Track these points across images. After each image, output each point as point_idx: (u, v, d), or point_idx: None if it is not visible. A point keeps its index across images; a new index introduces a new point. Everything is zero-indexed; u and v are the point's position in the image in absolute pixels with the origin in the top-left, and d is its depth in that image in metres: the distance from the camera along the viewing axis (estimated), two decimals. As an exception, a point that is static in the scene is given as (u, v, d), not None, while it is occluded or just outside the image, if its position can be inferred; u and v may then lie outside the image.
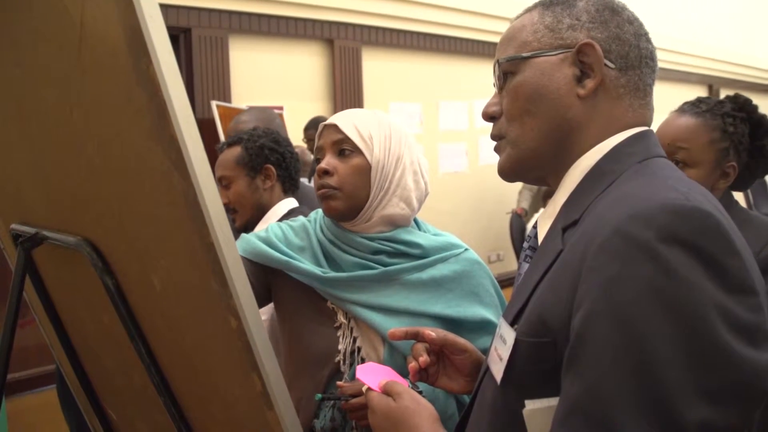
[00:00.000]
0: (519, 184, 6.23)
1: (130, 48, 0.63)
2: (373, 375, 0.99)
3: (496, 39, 5.44)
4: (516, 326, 0.78)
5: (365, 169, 1.26)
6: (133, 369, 1.02)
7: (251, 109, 2.48)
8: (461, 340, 1.05)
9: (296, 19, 4.80)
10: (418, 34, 5.69)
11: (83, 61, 0.72)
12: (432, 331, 1.03)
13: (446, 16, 5.73)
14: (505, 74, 0.88)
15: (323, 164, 1.27)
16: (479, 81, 6.40)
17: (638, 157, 0.80)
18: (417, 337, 1.05)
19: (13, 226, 1.13)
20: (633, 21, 0.86)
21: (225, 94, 4.34)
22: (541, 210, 5.40)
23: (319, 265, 1.30)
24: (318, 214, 1.40)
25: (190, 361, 0.89)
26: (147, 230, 0.80)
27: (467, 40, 6.12)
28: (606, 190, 0.77)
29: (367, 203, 1.27)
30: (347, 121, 1.29)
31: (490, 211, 6.34)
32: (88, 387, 1.31)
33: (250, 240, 1.34)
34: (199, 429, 0.98)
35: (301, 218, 1.42)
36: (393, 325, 1.24)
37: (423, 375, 1.05)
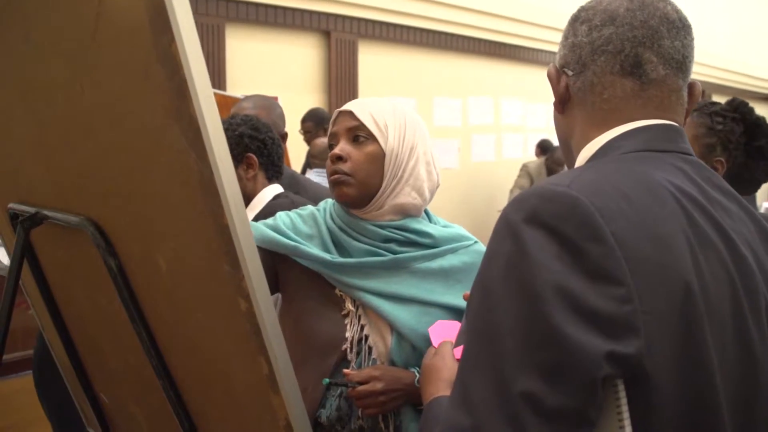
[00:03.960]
0: (510, 183, 6.26)
1: (152, 24, 0.62)
2: (444, 333, 1.07)
3: (493, 37, 5.47)
4: None
5: (379, 157, 1.26)
6: (130, 351, 1.02)
7: (252, 96, 2.44)
8: None
9: (294, 10, 4.78)
10: (416, 29, 5.69)
11: (99, 37, 0.72)
12: None
13: (443, 12, 5.73)
14: None
15: (337, 150, 1.27)
16: (474, 79, 6.41)
17: (622, 150, 0.81)
18: None
19: (11, 205, 1.12)
20: (592, 18, 0.86)
21: (220, 82, 4.32)
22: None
23: (327, 252, 1.30)
24: (327, 203, 1.39)
25: (192, 343, 0.89)
26: (156, 210, 0.79)
27: (464, 37, 6.12)
28: None
29: (379, 191, 1.27)
30: (363, 108, 1.28)
31: (480, 209, 6.36)
32: (81, 369, 1.30)
33: (258, 226, 1.33)
34: (197, 412, 0.97)
35: (309, 207, 1.41)
36: (401, 313, 1.24)
37: None
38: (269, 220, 1.36)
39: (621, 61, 0.84)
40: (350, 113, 1.28)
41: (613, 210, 0.68)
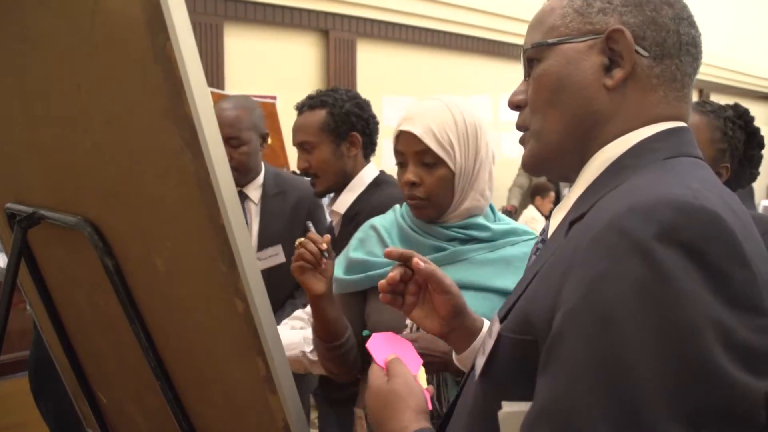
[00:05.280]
0: (509, 182, 6.25)
1: (148, 24, 0.62)
2: (385, 347, 0.95)
3: (492, 36, 5.47)
4: (504, 322, 0.74)
5: (450, 179, 1.32)
6: (128, 351, 1.01)
7: (232, 97, 2.40)
8: (448, 280, 1.01)
9: (292, 9, 4.77)
10: (414, 28, 5.69)
11: (95, 37, 0.71)
12: (422, 261, 1.01)
13: (442, 11, 5.73)
14: (531, 61, 0.82)
15: (411, 176, 1.32)
16: (473, 77, 6.40)
17: (664, 153, 0.73)
18: (409, 261, 1.01)
19: (9, 204, 1.12)
20: (673, 3, 0.78)
21: (219, 81, 4.32)
22: (530, 206, 5.32)
23: None
24: (403, 207, 1.47)
25: (190, 344, 0.89)
26: (153, 211, 0.79)
27: (463, 36, 6.12)
28: (619, 185, 0.71)
29: (451, 205, 1.35)
30: (424, 127, 1.30)
31: (479, 208, 6.34)
32: (79, 370, 1.30)
33: (337, 280, 1.40)
34: (195, 413, 0.97)
35: (368, 222, 1.49)
36: None
37: (395, 300, 1.03)
38: (343, 260, 1.45)
39: (695, 68, 0.79)
40: (414, 135, 1.30)
41: (740, 228, 0.60)
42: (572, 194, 0.80)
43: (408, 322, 1.31)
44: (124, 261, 0.91)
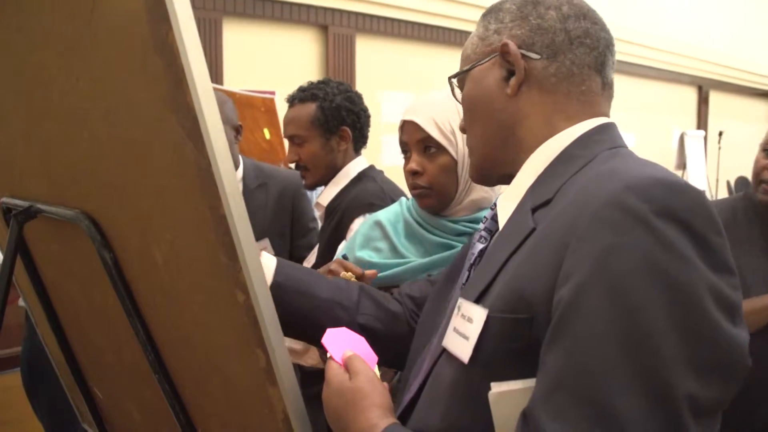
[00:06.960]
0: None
1: (150, 13, 0.61)
2: (341, 343, 0.90)
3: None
4: (482, 304, 0.76)
5: (452, 166, 1.31)
6: (125, 345, 1.01)
7: None
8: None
9: (291, 4, 4.77)
10: (413, 23, 5.68)
11: (95, 26, 0.71)
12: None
13: (441, 6, 5.72)
14: (461, 89, 0.95)
15: (413, 165, 1.33)
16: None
17: (607, 144, 0.82)
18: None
19: (5, 198, 1.11)
20: (559, 6, 0.87)
21: (217, 77, 4.31)
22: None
23: (395, 250, 1.37)
24: (410, 200, 1.46)
25: (188, 336, 0.88)
26: (152, 202, 0.79)
27: (462, 32, 6.11)
28: (580, 171, 0.79)
29: (456, 195, 1.34)
30: (426, 116, 1.30)
31: (477, 205, 6.34)
32: (74, 365, 1.29)
33: None
34: (193, 407, 0.96)
35: (373, 217, 1.47)
36: None
37: None
38: (347, 255, 1.41)
39: (595, 57, 0.86)
40: (416, 124, 1.31)
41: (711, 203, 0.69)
42: (519, 184, 0.87)
43: None
44: (122, 254, 0.90)
